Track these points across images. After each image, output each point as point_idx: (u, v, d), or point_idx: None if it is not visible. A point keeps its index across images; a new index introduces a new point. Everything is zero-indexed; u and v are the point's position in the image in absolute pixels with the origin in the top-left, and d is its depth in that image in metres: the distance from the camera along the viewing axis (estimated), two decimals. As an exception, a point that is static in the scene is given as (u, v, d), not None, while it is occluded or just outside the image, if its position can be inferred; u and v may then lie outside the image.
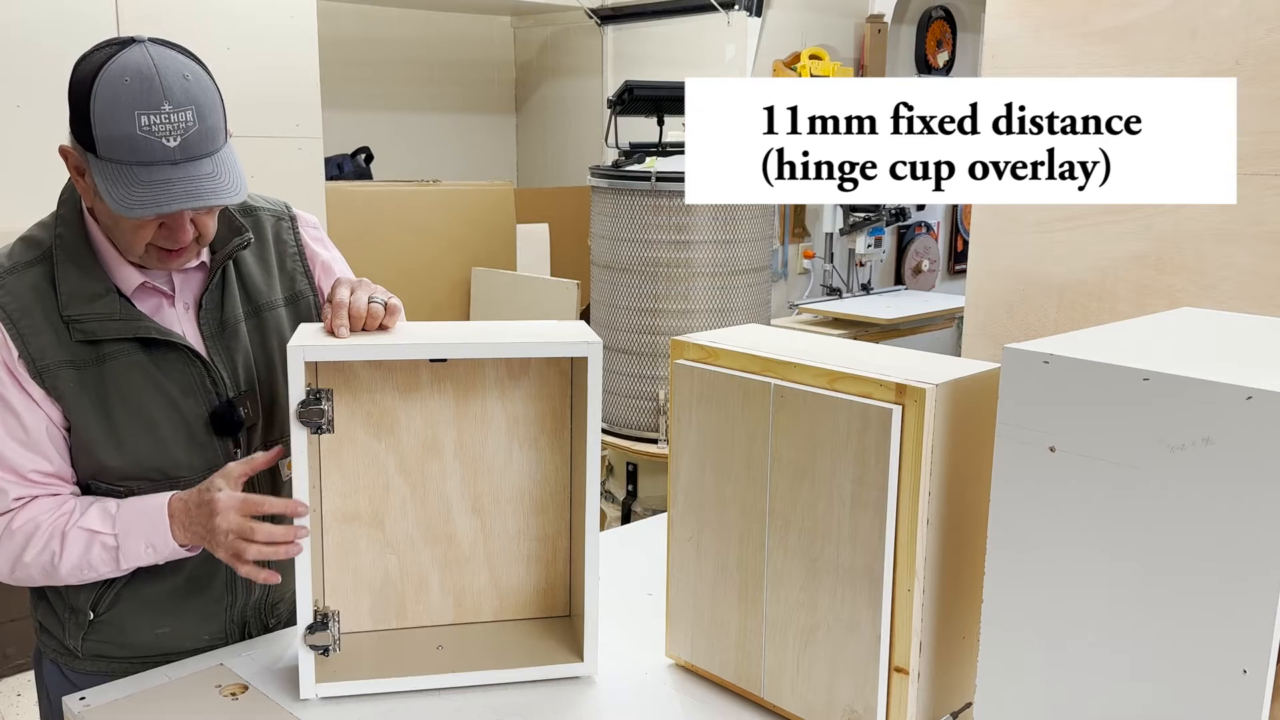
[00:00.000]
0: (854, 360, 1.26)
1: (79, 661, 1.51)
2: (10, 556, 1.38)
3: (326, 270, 1.63)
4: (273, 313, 1.54)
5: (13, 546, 1.38)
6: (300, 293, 1.58)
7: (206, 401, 1.45)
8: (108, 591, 1.47)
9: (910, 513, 1.18)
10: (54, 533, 1.37)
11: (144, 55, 1.27)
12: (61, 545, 1.36)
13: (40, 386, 1.36)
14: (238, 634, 1.56)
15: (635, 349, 3.53)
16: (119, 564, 1.39)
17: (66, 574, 1.39)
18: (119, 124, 1.25)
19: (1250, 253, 1.69)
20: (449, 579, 1.52)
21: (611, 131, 3.69)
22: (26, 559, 1.37)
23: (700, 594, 1.42)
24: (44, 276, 1.38)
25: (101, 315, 1.38)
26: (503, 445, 1.50)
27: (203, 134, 1.29)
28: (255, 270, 1.54)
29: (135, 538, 1.38)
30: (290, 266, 1.59)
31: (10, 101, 3.14)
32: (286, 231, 1.60)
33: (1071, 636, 1.04)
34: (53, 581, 1.42)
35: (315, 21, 3.76)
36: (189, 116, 1.28)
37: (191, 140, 1.28)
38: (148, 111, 1.25)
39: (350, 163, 5.38)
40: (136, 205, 1.26)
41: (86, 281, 1.39)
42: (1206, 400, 0.91)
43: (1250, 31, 1.65)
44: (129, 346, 1.40)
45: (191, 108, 1.28)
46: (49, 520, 1.37)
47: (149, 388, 1.41)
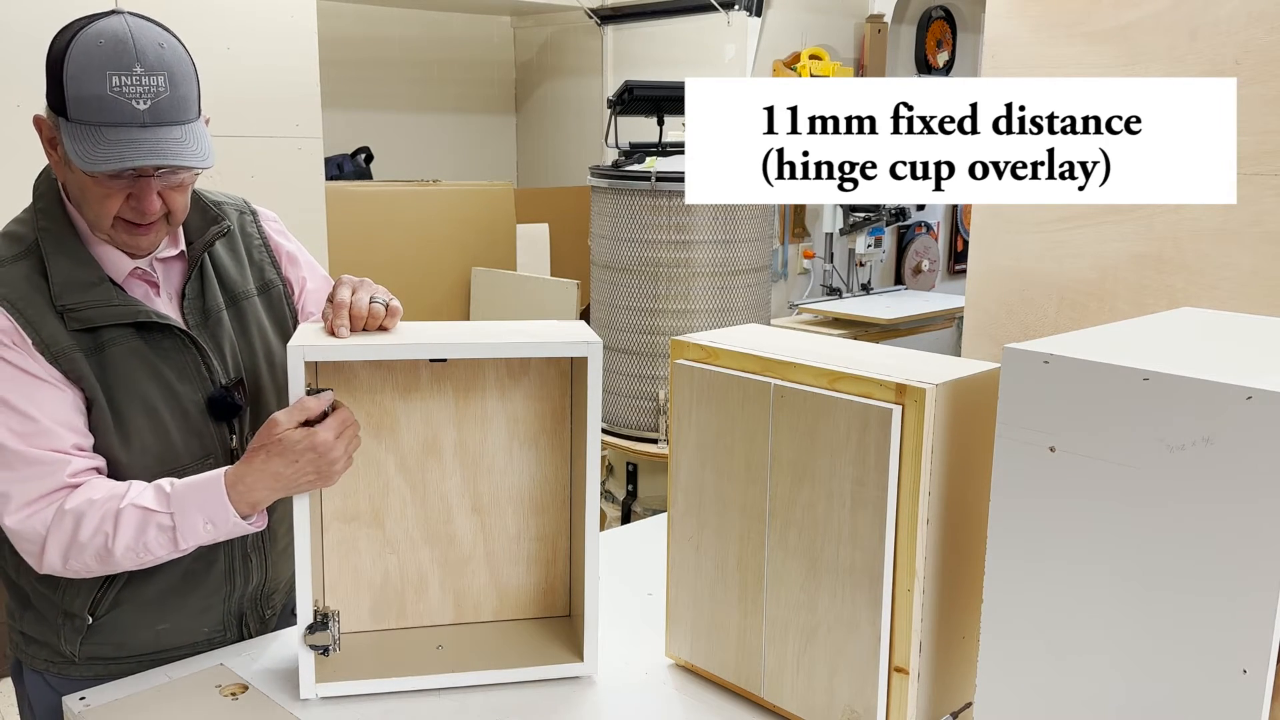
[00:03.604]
0: (854, 360, 1.26)
1: (74, 667, 1.49)
2: (63, 542, 1.32)
3: (291, 260, 1.64)
4: (249, 302, 1.55)
5: (64, 530, 1.31)
6: (270, 282, 1.60)
7: (202, 387, 1.45)
8: (106, 594, 1.45)
9: (910, 513, 1.18)
10: (107, 514, 1.32)
11: (120, 22, 1.29)
12: (115, 526, 1.31)
13: (59, 370, 1.35)
14: (235, 627, 1.56)
15: (635, 349, 3.53)
16: (178, 544, 1.34)
17: (122, 557, 1.33)
18: (90, 83, 1.26)
19: (1250, 253, 1.69)
20: (449, 579, 1.52)
21: (611, 131, 3.69)
22: (81, 539, 1.31)
23: (700, 594, 1.42)
24: (34, 269, 1.38)
25: (98, 302, 1.38)
26: (503, 445, 1.50)
27: (174, 101, 1.30)
28: (228, 262, 1.55)
29: (193, 514, 1.33)
30: (258, 258, 1.60)
31: (10, 101, 3.14)
32: (250, 225, 1.62)
33: (1071, 636, 1.04)
34: (108, 568, 1.35)
35: (315, 21, 3.75)
36: (160, 81, 1.29)
37: (162, 105, 1.29)
38: (119, 72, 1.27)
39: (350, 163, 5.38)
40: (100, 161, 1.27)
41: (79, 270, 1.39)
42: (1206, 400, 0.91)
43: (1250, 31, 1.65)
44: (126, 333, 1.40)
45: (164, 74, 1.29)
46: (101, 499, 1.32)
47: (148, 374, 1.41)
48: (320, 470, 1.31)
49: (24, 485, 1.32)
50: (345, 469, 1.34)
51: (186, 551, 1.37)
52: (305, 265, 1.65)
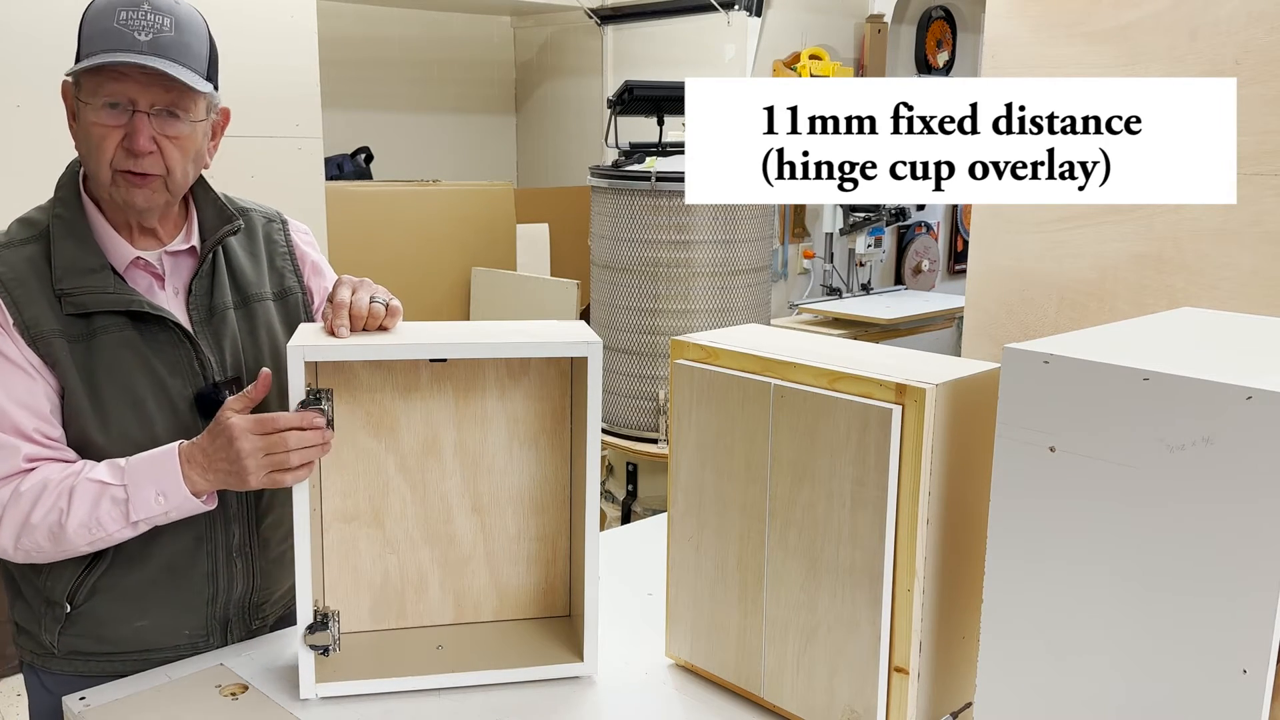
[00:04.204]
0: (854, 360, 1.26)
1: (56, 661, 1.49)
2: (16, 522, 1.33)
3: (316, 270, 1.66)
4: (261, 304, 1.56)
5: (19, 511, 1.33)
6: (289, 289, 1.61)
7: (193, 383, 1.46)
8: (85, 580, 1.44)
9: (910, 513, 1.18)
10: (62, 491, 1.33)
11: None
12: (69, 501, 1.32)
13: (36, 354, 1.37)
14: (219, 631, 1.54)
15: (635, 349, 3.53)
16: (129, 516, 1.34)
17: (74, 534, 1.33)
18: (100, 21, 1.34)
19: (1250, 253, 1.69)
20: (449, 579, 1.52)
21: (611, 131, 3.69)
22: (34, 520, 1.33)
23: (700, 594, 1.42)
24: (40, 254, 1.40)
25: (94, 288, 1.39)
26: (503, 445, 1.50)
27: (177, 43, 1.35)
28: (245, 262, 1.56)
29: (145, 485, 1.34)
30: (280, 264, 1.61)
31: (10, 101, 3.14)
32: (277, 233, 1.63)
33: (1071, 636, 1.04)
34: (60, 548, 1.36)
35: (315, 21, 3.75)
36: (166, 22, 1.35)
37: (163, 40, 1.34)
38: (127, 9, 1.34)
39: (350, 163, 5.38)
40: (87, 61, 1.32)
41: (81, 256, 1.40)
42: (1206, 400, 0.91)
43: (1250, 31, 1.65)
44: (120, 322, 1.41)
45: (171, 17, 1.36)
46: (57, 479, 1.34)
47: (137, 364, 1.42)
48: (231, 462, 1.31)
49: None
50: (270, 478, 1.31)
51: (139, 529, 1.37)
52: (329, 278, 1.66)
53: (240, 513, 1.50)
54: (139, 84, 1.35)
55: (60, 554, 1.38)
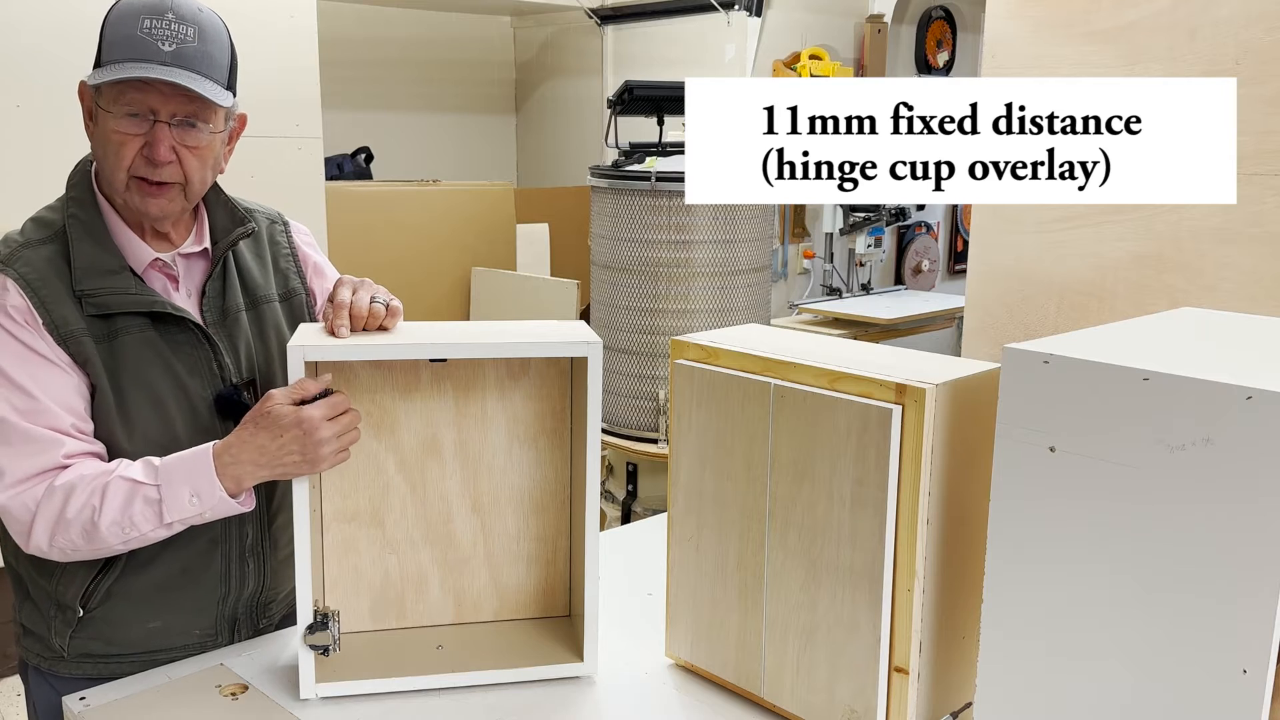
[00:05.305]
0: (854, 360, 1.26)
1: (65, 664, 1.49)
2: (50, 518, 1.32)
3: (318, 271, 1.66)
4: (269, 306, 1.57)
5: (53, 506, 1.31)
6: (294, 290, 1.61)
7: (212, 384, 1.46)
8: (99, 585, 1.44)
9: (910, 513, 1.18)
10: (95, 488, 1.32)
11: None
12: (102, 499, 1.31)
13: (66, 352, 1.36)
14: (227, 631, 1.54)
15: (635, 349, 3.53)
16: (162, 517, 1.32)
17: (107, 531, 1.32)
18: (123, 27, 1.34)
19: (1250, 253, 1.69)
20: (449, 579, 1.52)
21: (611, 131, 3.69)
22: (68, 515, 1.31)
23: (700, 594, 1.42)
24: (58, 253, 1.40)
25: (116, 289, 1.40)
26: (503, 445, 1.50)
27: (200, 54, 1.35)
28: (253, 265, 1.57)
29: (179, 485, 1.32)
30: (284, 266, 1.62)
31: (10, 101, 3.14)
32: (280, 234, 1.64)
33: (1071, 636, 1.03)
34: (94, 546, 1.34)
35: (315, 21, 3.75)
36: (190, 32, 1.35)
37: (186, 51, 1.34)
38: (151, 17, 1.33)
39: (350, 163, 5.38)
40: (109, 74, 1.32)
41: (101, 257, 1.41)
42: (1206, 400, 0.91)
43: (1250, 31, 1.65)
44: (141, 322, 1.41)
45: (195, 28, 1.35)
46: (91, 475, 1.33)
47: (158, 365, 1.42)
48: (305, 451, 1.30)
49: (18, 461, 1.32)
50: (337, 459, 1.32)
51: (173, 530, 1.35)
52: (330, 278, 1.66)
53: (253, 513, 1.50)
54: (161, 95, 1.35)
55: (95, 553, 1.36)
